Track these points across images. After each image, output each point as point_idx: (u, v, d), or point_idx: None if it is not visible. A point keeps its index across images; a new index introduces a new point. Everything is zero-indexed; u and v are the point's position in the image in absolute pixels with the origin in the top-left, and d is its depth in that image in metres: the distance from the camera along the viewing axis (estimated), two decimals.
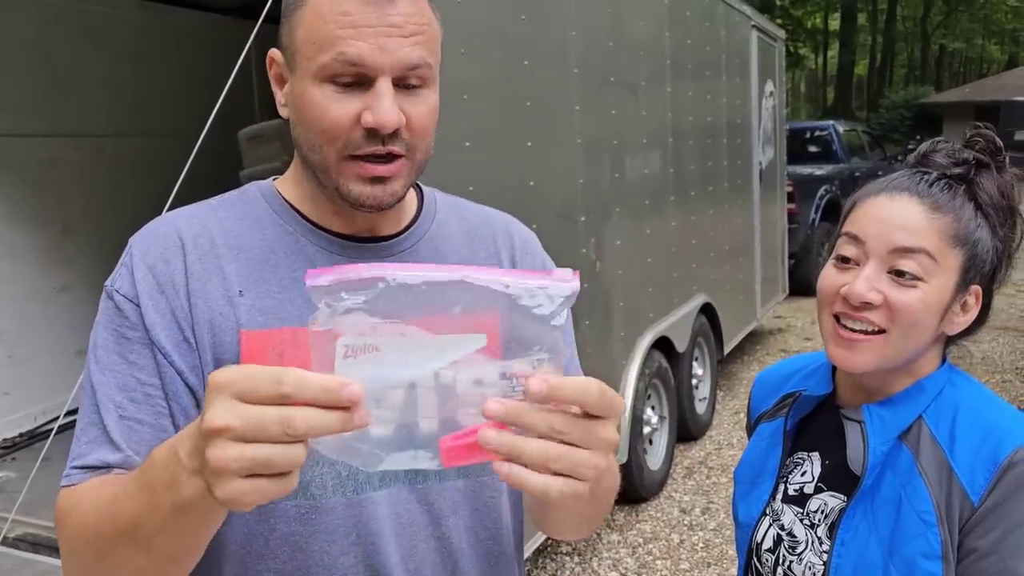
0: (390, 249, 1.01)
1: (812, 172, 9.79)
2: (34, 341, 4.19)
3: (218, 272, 0.95)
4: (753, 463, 1.29)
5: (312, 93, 0.90)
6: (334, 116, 0.89)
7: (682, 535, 4.08)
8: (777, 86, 7.29)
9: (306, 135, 0.93)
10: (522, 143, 3.04)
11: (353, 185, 0.92)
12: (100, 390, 0.91)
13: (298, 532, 0.93)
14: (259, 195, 1.02)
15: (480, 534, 1.03)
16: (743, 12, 6.10)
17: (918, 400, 1.11)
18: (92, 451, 0.90)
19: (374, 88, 0.88)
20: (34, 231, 4.21)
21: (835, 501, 1.14)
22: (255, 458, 0.62)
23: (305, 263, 0.97)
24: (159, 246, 0.96)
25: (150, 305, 0.92)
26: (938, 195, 1.08)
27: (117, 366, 0.92)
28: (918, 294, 1.05)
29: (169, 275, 0.94)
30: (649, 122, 4.33)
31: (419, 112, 0.91)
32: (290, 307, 0.95)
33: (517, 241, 1.11)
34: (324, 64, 0.88)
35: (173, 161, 2.52)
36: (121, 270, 0.96)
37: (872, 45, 35.62)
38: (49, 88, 4.20)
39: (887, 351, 1.07)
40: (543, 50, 3.21)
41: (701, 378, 5.31)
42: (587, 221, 3.56)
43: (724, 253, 5.70)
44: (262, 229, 0.98)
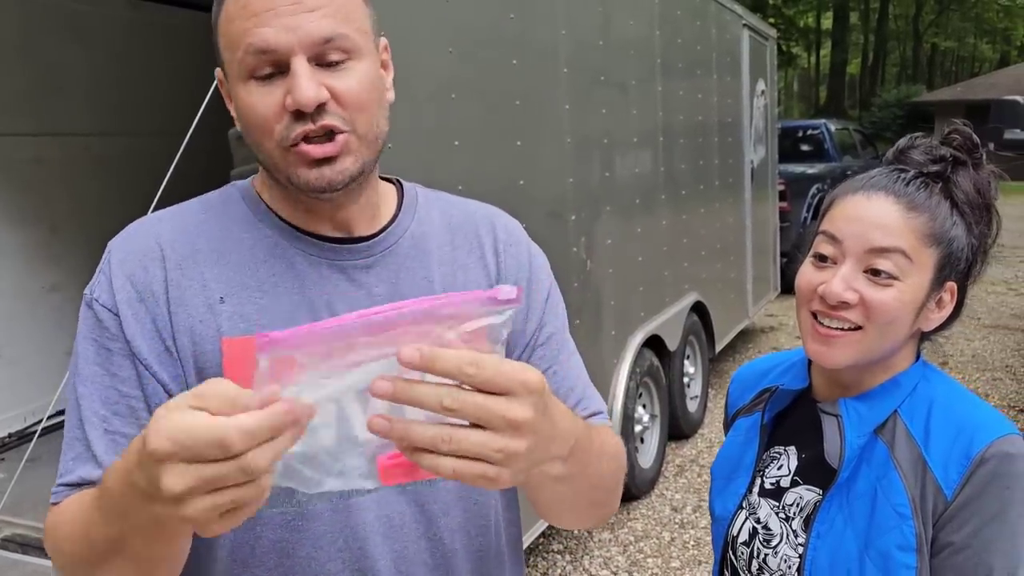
0: (370, 249, 0.99)
1: (804, 171, 9.81)
2: (23, 341, 4.17)
3: (198, 278, 0.93)
4: (730, 458, 1.30)
5: (241, 95, 0.89)
6: (261, 109, 0.88)
7: (673, 533, 4.08)
8: (768, 85, 7.30)
9: (249, 136, 0.92)
10: (511, 142, 3.04)
11: (300, 171, 0.90)
12: (84, 404, 0.91)
13: (285, 539, 0.93)
14: (239, 197, 1.00)
15: (471, 532, 1.02)
16: (734, 11, 6.11)
17: (894, 395, 1.12)
18: (76, 468, 0.90)
19: (291, 70, 0.86)
20: (21, 230, 4.19)
21: (810, 495, 1.16)
22: (227, 502, 0.63)
23: (286, 267, 0.95)
24: (137, 253, 0.95)
25: (129, 315, 0.91)
26: (914, 194, 1.09)
27: (99, 378, 0.91)
28: (893, 293, 1.07)
29: (147, 283, 0.93)
30: (639, 121, 4.33)
31: (347, 85, 0.89)
32: (271, 312, 0.93)
33: (501, 233, 1.09)
34: (239, 61, 0.87)
35: (161, 160, 2.51)
36: (99, 278, 0.95)
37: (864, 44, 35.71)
38: (35, 87, 4.17)
39: (863, 347, 1.09)
40: (532, 49, 3.20)
41: (693, 376, 5.31)
42: (577, 220, 3.55)
43: (715, 252, 5.70)
44: (242, 232, 0.97)
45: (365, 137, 0.92)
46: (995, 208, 1.14)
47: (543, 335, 1.07)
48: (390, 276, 1.00)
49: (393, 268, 1.00)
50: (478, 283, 1.05)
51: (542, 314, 1.07)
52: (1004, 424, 1.08)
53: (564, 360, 1.08)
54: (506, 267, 1.07)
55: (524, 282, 1.07)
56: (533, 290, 1.08)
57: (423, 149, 2.50)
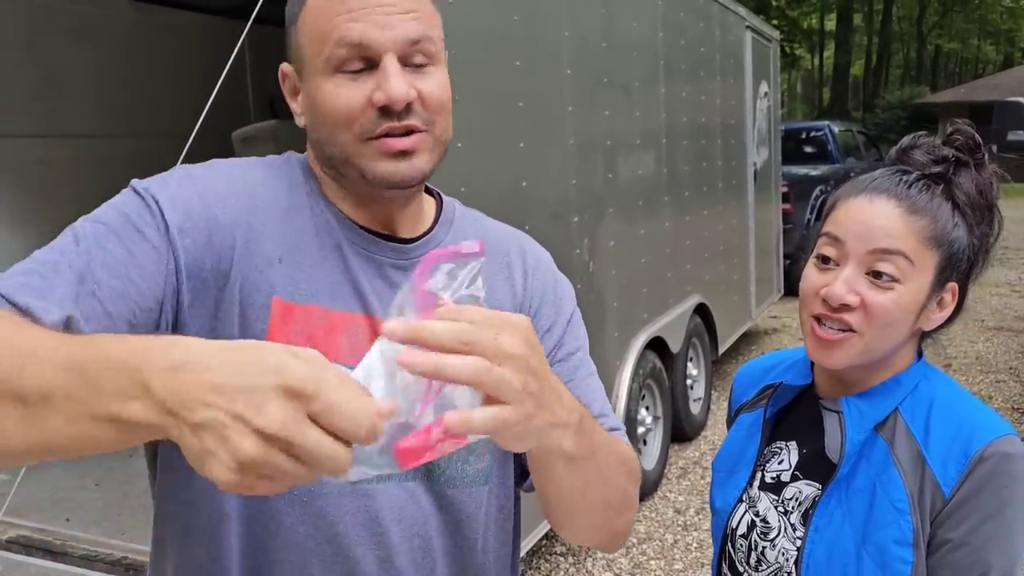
0: (408, 252, 1.00)
1: (807, 172, 9.80)
2: None
3: (265, 230, 0.93)
4: (731, 453, 1.32)
5: (324, 87, 0.90)
6: (347, 100, 0.89)
7: (676, 535, 4.08)
8: (772, 87, 7.30)
9: (324, 129, 0.92)
10: (515, 144, 3.04)
11: (378, 163, 0.91)
12: (89, 251, 0.83)
13: (287, 513, 0.93)
14: (299, 168, 1.01)
15: (457, 542, 1.02)
16: (737, 13, 6.11)
17: (895, 393, 1.14)
18: (28, 294, 0.78)
19: (380, 67, 0.89)
20: (26, 231, 4.19)
21: (810, 489, 1.17)
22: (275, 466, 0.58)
23: (332, 246, 0.96)
24: (215, 182, 0.93)
25: (187, 226, 0.88)
26: (916, 197, 1.10)
27: (115, 248, 0.85)
28: (893, 295, 1.08)
29: (220, 212, 0.91)
30: (643, 123, 4.33)
31: (430, 87, 0.92)
32: (318, 284, 0.94)
33: (530, 259, 1.10)
34: (329, 55, 0.89)
35: (165, 162, 2.51)
36: (160, 180, 0.91)
37: (868, 45, 35.69)
38: (40, 88, 4.19)
39: (863, 348, 1.10)
40: (536, 51, 3.21)
41: (696, 378, 5.31)
42: (580, 222, 3.56)
43: (719, 253, 5.70)
44: (307, 200, 0.98)
45: (439, 139, 0.95)
46: (997, 208, 1.15)
47: (562, 352, 1.08)
48: None
49: None
50: (502, 301, 1.06)
51: (563, 334, 1.09)
52: (1003, 425, 1.10)
53: (581, 378, 1.08)
54: (532, 290, 1.08)
55: (549, 304, 1.09)
56: (557, 312, 1.09)
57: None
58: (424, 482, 0.98)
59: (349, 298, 0.95)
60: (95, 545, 2.95)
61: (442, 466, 0.99)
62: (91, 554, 2.92)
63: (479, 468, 1.01)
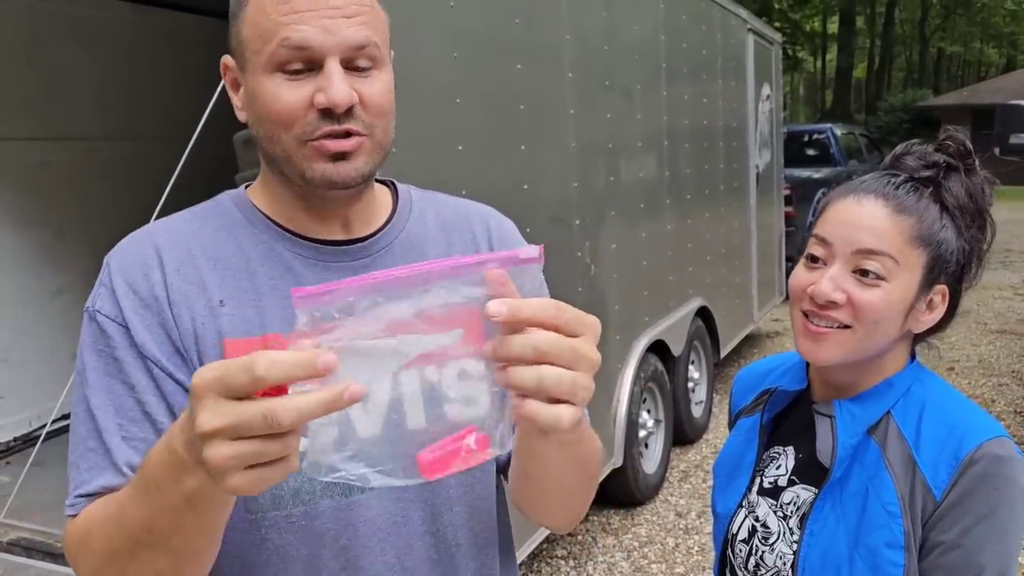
0: (365, 250, 1.01)
1: (810, 175, 9.80)
2: (28, 346, 4.17)
3: (198, 283, 0.94)
4: (731, 457, 1.34)
5: (264, 85, 0.90)
6: (287, 101, 0.89)
7: (677, 539, 4.07)
8: (774, 89, 7.29)
9: (263, 127, 0.93)
10: (516, 146, 3.04)
11: (316, 165, 0.91)
12: (99, 415, 0.90)
13: (288, 542, 0.94)
14: (231, 205, 1.01)
15: (475, 528, 1.04)
16: (739, 15, 6.11)
17: (887, 396, 1.15)
18: (94, 478, 0.90)
19: (323, 70, 0.89)
20: (27, 235, 4.20)
21: (807, 493, 1.19)
22: (249, 453, 0.63)
23: (282, 270, 0.96)
24: (136, 261, 0.95)
25: (137, 321, 0.92)
26: (903, 197, 1.12)
27: (111, 388, 0.91)
28: (880, 293, 1.10)
29: (149, 289, 0.93)
30: (644, 125, 4.33)
31: (372, 91, 0.92)
32: (271, 315, 0.94)
33: (495, 229, 1.11)
34: (271, 53, 0.89)
35: (166, 165, 2.51)
36: (100, 290, 0.95)
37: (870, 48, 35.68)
38: (41, 91, 4.19)
39: (851, 345, 1.12)
40: (537, 53, 3.20)
41: (697, 381, 5.30)
42: (582, 224, 3.55)
43: (720, 256, 5.69)
44: (237, 239, 0.98)
45: (380, 143, 0.95)
46: (989, 213, 1.17)
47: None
48: None
49: (390, 267, 1.01)
50: None
51: None
52: (994, 427, 1.10)
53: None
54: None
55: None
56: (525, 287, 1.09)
57: (427, 153, 2.50)
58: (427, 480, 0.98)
59: None
60: None
61: None
62: None
63: None
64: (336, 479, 0.66)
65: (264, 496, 0.92)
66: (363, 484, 0.66)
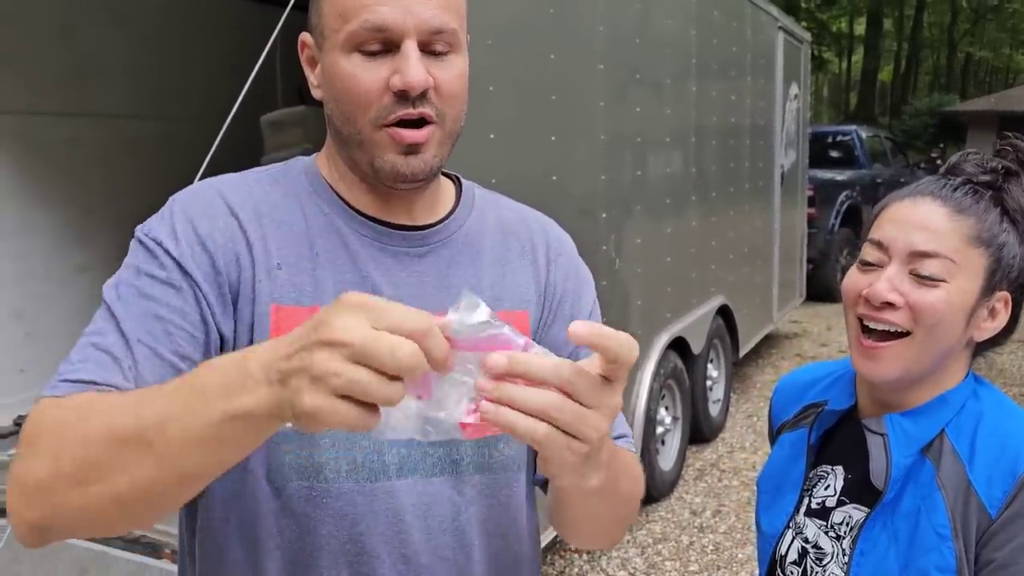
0: (425, 239, 1.00)
1: (833, 177, 9.72)
2: (52, 320, 4.20)
3: (260, 240, 0.94)
4: (776, 473, 1.29)
5: (341, 64, 0.90)
6: (364, 83, 0.89)
7: (692, 537, 4.06)
8: (802, 89, 7.23)
9: (338, 108, 0.93)
10: (546, 137, 3.03)
11: (387, 156, 0.92)
12: (122, 319, 0.88)
13: (307, 514, 0.93)
14: (301, 172, 1.02)
15: (491, 530, 1.02)
16: (770, 13, 6.06)
17: (942, 412, 1.10)
18: (97, 372, 0.85)
19: (400, 51, 0.89)
20: (54, 210, 4.22)
21: (859, 513, 1.14)
22: (357, 380, 0.60)
23: (339, 244, 0.97)
24: (203, 205, 0.95)
25: (188, 254, 0.91)
26: (961, 199, 1.08)
27: (141, 301, 0.89)
28: (940, 293, 1.05)
29: (210, 233, 0.93)
30: (672, 120, 4.30)
31: (447, 76, 0.92)
32: (323, 286, 0.94)
33: (553, 242, 1.10)
34: (350, 32, 0.89)
35: (193, 145, 2.52)
36: (158, 220, 0.95)
37: (897, 51, 35.34)
38: (74, 68, 4.20)
39: (911, 356, 1.07)
40: (570, 44, 3.18)
41: (716, 380, 5.28)
42: (608, 218, 3.54)
43: (743, 255, 5.66)
44: (302, 206, 0.98)
45: (450, 132, 0.95)
46: None
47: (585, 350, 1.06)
48: (441, 268, 1.00)
49: (445, 260, 1.01)
50: (526, 287, 1.05)
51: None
52: None
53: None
54: (555, 276, 1.08)
55: (570, 293, 1.08)
56: (579, 303, 1.09)
57: (459, 140, 2.49)
58: (452, 476, 0.97)
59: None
60: None
61: (469, 455, 0.98)
62: None
63: (509, 455, 1.00)
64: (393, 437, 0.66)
65: (288, 464, 0.92)
66: (425, 437, 0.66)
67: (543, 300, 1.06)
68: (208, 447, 0.69)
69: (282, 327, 0.92)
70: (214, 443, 0.69)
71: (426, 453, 0.96)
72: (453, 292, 0.99)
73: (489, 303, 0.99)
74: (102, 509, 0.74)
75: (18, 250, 4.05)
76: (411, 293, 0.97)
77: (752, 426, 5.53)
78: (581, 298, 1.09)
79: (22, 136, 3.99)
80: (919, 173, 11.30)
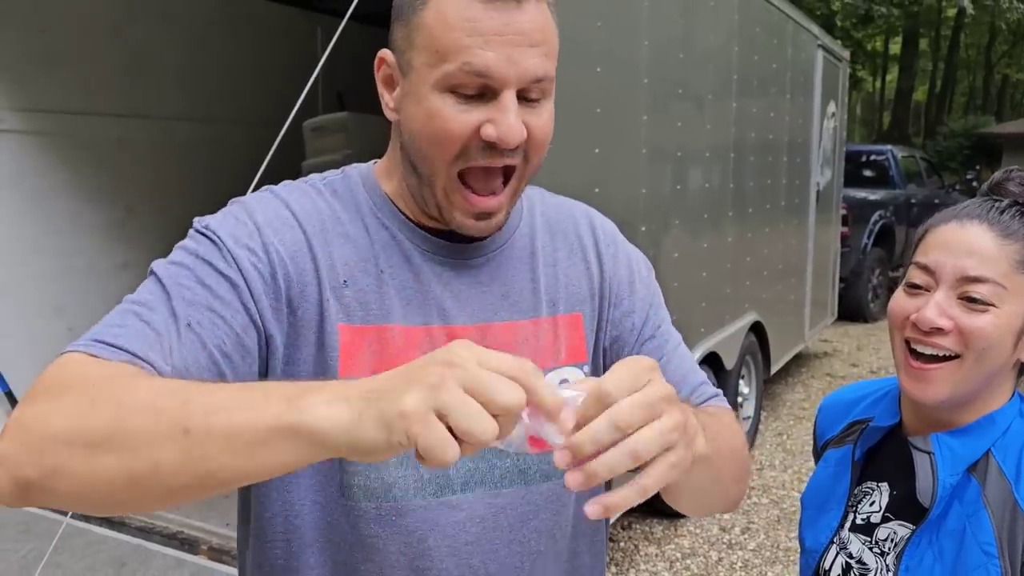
0: (483, 249, 1.00)
1: (867, 196, 9.64)
2: (93, 316, 4.18)
3: (327, 258, 0.93)
4: (821, 490, 1.29)
5: (431, 102, 0.87)
6: (454, 127, 0.86)
7: (721, 553, 4.04)
8: (839, 107, 7.19)
9: (418, 145, 0.90)
10: (590, 149, 3.04)
11: (458, 216, 0.92)
12: (175, 298, 0.84)
13: (377, 534, 0.93)
14: (360, 183, 1.00)
15: (556, 535, 1.02)
16: (810, 31, 6.04)
17: (989, 432, 1.10)
18: (138, 343, 0.80)
19: (498, 101, 0.85)
20: (100, 208, 4.30)
21: (904, 530, 1.14)
22: (461, 405, 0.61)
23: (401, 259, 0.96)
24: (271, 213, 0.93)
25: (247, 257, 0.88)
26: (1009, 222, 1.08)
27: (197, 287, 0.86)
28: (989, 318, 1.06)
29: (275, 241, 0.91)
30: (713, 136, 4.30)
31: (539, 124, 0.90)
32: (388, 303, 0.94)
33: (600, 233, 1.10)
34: (448, 73, 0.85)
35: (236, 148, 2.57)
36: (221, 217, 0.92)
37: (933, 71, 35.00)
38: (124, 69, 4.29)
39: (960, 378, 1.07)
40: (615, 58, 3.20)
41: (747, 397, 5.24)
42: (647, 231, 3.54)
43: (777, 272, 5.63)
44: (364, 220, 0.97)
45: (528, 176, 0.94)
46: None
47: (649, 328, 1.07)
48: (502, 275, 1.01)
49: (503, 267, 1.01)
50: (579, 284, 1.05)
51: (648, 309, 1.08)
52: None
53: (673, 351, 1.08)
54: (608, 272, 1.08)
55: (626, 284, 1.08)
56: (636, 289, 1.08)
57: None
58: (521, 487, 0.98)
59: (423, 312, 0.94)
60: (152, 517, 3.03)
61: (536, 464, 0.99)
62: (147, 526, 3.00)
63: None
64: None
65: (359, 486, 0.92)
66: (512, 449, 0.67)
67: (599, 297, 1.06)
68: (247, 451, 0.65)
69: (351, 348, 0.91)
70: (254, 449, 0.65)
71: (493, 465, 0.97)
72: (512, 300, 1.00)
73: (546, 307, 1.01)
74: (108, 483, 0.68)
75: (64, 247, 4.13)
76: (473, 304, 0.97)
77: (782, 444, 5.49)
78: (638, 288, 1.09)
79: (71, 136, 4.08)
80: (954, 195, 11.16)
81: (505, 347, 0.98)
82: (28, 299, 3.95)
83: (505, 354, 0.63)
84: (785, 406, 6.30)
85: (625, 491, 0.66)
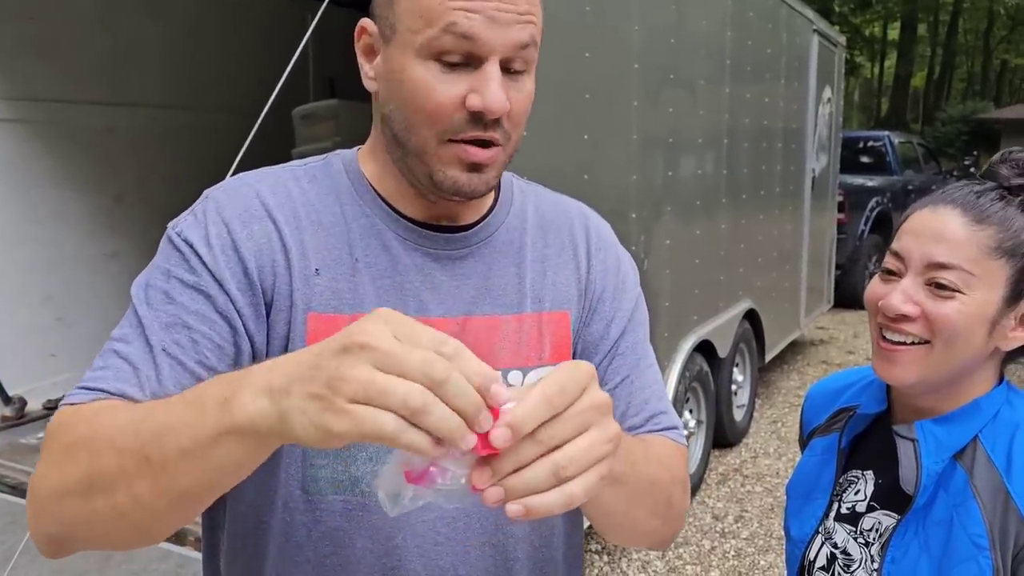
0: (466, 240, 0.97)
1: (864, 183, 9.61)
2: (82, 305, 4.25)
3: (298, 245, 0.90)
4: (806, 478, 1.28)
5: (414, 70, 0.85)
6: (439, 97, 0.84)
7: (713, 542, 4.03)
8: (835, 93, 7.15)
9: (403, 114, 0.88)
10: (579, 136, 3.01)
11: (451, 171, 0.88)
12: (148, 326, 0.85)
13: (342, 528, 0.91)
14: (342, 168, 0.97)
15: (535, 542, 1.00)
16: (805, 16, 5.99)
17: (975, 419, 1.09)
18: (113, 381, 0.83)
19: (482, 69, 0.84)
20: (87, 197, 4.28)
21: (889, 520, 1.13)
22: (386, 385, 0.58)
23: (380, 248, 0.93)
24: (240, 206, 0.91)
25: (221, 259, 0.87)
26: (986, 206, 1.06)
27: (168, 307, 0.86)
28: (955, 305, 1.04)
29: (246, 237, 0.89)
30: (705, 122, 4.27)
31: (520, 98, 0.88)
32: (363, 292, 0.91)
33: (593, 235, 1.07)
34: (432, 38, 0.83)
35: (226, 135, 2.53)
36: (190, 218, 0.91)
37: (931, 57, 34.90)
38: (111, 58, 4.26)
39: (928, 363, 1.06)
40: (605, 42, 3.17)
41: (741, 384, 5.24)
42: (638, 218, 3.52)
43: (771, 260, 5.61)
44: (342, 206, 0.94)
45: (510, 153, 0.92)
46: None
47: (624, 344, 1.04)
48: (483, 269, 0.98)
49: (487, 261, 0.98)
50: (567, 284, 1.03)
51: (627, 322, 1.05)
52: None
53: (642, 371, 1.05)
54: (595, 274, 1.05)
55: (611, 290, 1.05)
56: (620, 297, 1.06)
57: None
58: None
59: (399, 302, 0.92)
60: None
61: None
62: None
63: None
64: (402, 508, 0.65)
65: (326, 479, 0.90)
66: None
67: (583, 298, 1.03)
68: (203, 463, 0.66)
69: (319, 337, 0.87)
70: (209, 459, 0.66)
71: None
72: (495, 295, 0.98)
73: (531, 304, 0.98)
74: (110, 522, 0.73)
75: (52, 236, 4.11)
76: (452, 297, 0.95)
77: (776, 432, 5.48)
78: (623, 297, 1.06)
79: (59, 124, 4.05)
80: (951, 180, 11.12)
81: (485, 341, 0.95)
82: (16, 288, 3.93)
83: (427, 327, 0.60)
84: (780, 393, 6.29)
85: (552, 496, 0.62)
